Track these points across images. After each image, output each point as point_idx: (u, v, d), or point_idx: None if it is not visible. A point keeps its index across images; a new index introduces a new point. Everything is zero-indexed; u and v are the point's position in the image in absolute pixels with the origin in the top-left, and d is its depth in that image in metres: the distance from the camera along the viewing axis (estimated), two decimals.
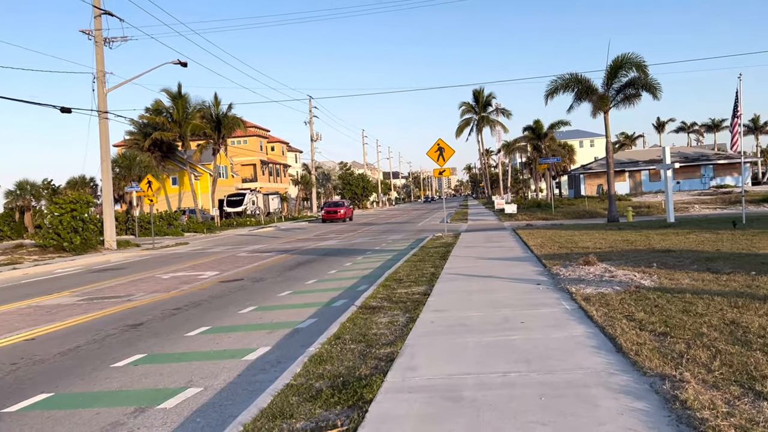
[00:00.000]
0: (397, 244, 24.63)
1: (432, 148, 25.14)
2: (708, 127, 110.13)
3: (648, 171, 70.10)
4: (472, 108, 76.71)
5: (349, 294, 12.30)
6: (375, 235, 32.31)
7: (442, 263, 15.06)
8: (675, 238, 16.86)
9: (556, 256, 14.39)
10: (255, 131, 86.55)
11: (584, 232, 21.76)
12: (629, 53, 25.83)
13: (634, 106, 26.50)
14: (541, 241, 18.64)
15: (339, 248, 24.64)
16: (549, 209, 41.91)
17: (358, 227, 42.48)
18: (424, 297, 10.15)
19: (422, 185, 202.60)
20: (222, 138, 55.37)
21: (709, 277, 9.68)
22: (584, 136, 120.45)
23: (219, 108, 54.90)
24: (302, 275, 16.28)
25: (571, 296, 8.98)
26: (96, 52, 32.03)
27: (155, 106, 52.80)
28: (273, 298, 12.59)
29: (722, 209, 36.09)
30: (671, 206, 24.00)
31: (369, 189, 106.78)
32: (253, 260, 21.68)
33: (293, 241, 30.90)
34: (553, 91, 27.17)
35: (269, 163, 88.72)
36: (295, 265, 19.19)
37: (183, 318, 10.98)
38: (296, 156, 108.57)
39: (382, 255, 20.36)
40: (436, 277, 12.44)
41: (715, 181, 67.39)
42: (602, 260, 12.52)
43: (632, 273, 10.61)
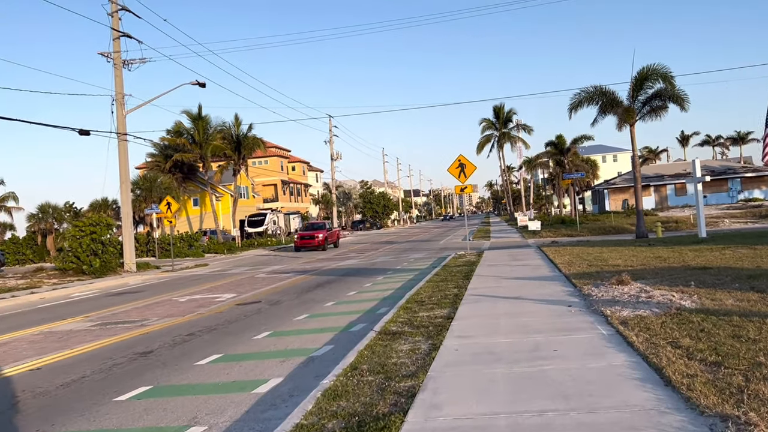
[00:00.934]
0: (419, 263, 24.03)
1: (453, 164, 24.58)
2: (733, 140, 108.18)
3: (674, 185, 68.85)
4: (493, 124, 76.06)
5: (368, 317, 11.73)
6: (396, 253, 31.73)
7: (465, 283, 14.45)
8: (710, 254, 16.06)
9: (585, 274, 13.70)
10: (275, 151, 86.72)
11: (613, 248, 20.98)
12: (655, 64, 25.17)
13: (660, 118, 25.75)
14: (568, 258, 17.94)
15: (359, 268, 24.10)
16: (574, 225, 41.02)
17: (378, 245, 41.93)
18: (447, 321, 9.55)
19: (443, 203, 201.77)
20: (242, 158, 55.32)
21: (754, 297, 8.97)
22: (607, 150, 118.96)
23: (239, 129, 54.93)
24: (320, 297, 15.75)
25: (607, 320, 8.32)
26: (115, 74, 32.06)
27: (176, 128, 52.93)
28: (289, 323, 12.06)
29: (753, 223, 34.95)
30: (702, 221, 23.12)
31: (390, 207, 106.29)
32: (272, 282, 21.23)
33: (313, 261, 30.43)
34: (576, 104, 26.49)
35: (290, 182, 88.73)
36: (314, 286, 18.68)
37: (195, 345, 10.49)
38: (317, 175, 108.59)
39: (403, 275, 19.78)
40: (460, 299, 11.83)
41: (743, 195, 65.92)
42: (636, 279, 11.83)
43: (670, 293, 9.92)
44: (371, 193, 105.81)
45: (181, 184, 55.45)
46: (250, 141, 54.55)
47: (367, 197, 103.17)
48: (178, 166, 53.07)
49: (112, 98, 31.93)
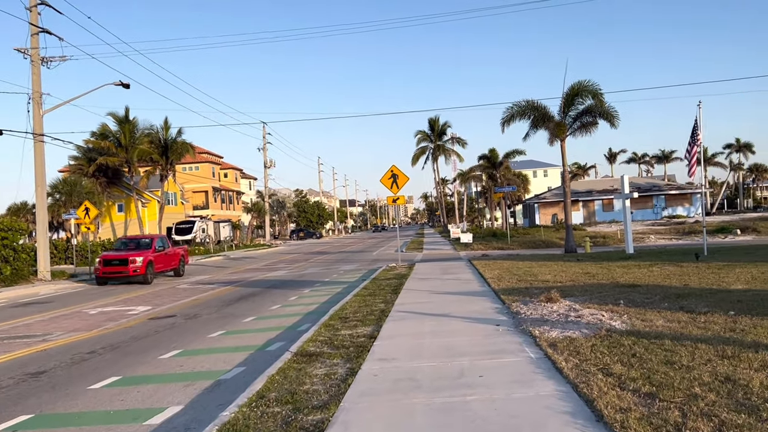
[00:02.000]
0: (349, 275, 23.38)
1: (385, 174, 24.10)
2: (658, 158, 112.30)
3: (601, 201, 70.60)
4: (428, 136, 76.36)
5: (288, 335, 11.00)
6: (327, 265, 31.00)
7: (393, 298, 13.90)
8: (638, 271, 16.05)
9: (515, 290, 13.37)
10: (207, 157, 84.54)
11: (542, 263, 20.90)
12: (586, 80, 25.44)
13: (590, 134, 26.07)
14: (498, 273, 17.66)
15: (287, 280, 23.27)
16: (505, 238, 41.26)
17: (310, 256, 41.09)
18: (370, 341, 8.95)
19: (379, 213, 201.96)
20: (170, 164, 53.44)
21: (684, 318, 8.73)
22: (538, 166, 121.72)
23: (168, 133, 53.09)
24: (241, 311, 14.90)
25: (536, 341, 7.90)
26: (32, 71, 30.25)
27: (101, 130, 50.63)
28: (202, 340, 11.20)
29: (677, 240, 35.91)
30: (630, 237, 23.38)
31: (324, 217, 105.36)
32: (193, 293, 20.19)
33: (240, 272, 29.38)
34: (509, 118, 26.52)
35: (222, 190, 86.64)
36: (237, 299, 17.78)
37: (94, 365, 9.53)
38: (250, 183, 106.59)
39: (331, 288, 19.09)
40: (386, 315, 11.26)
41: (667, 212, 68.19)
42: (565, 296, 11.55)
43: (599, 312, 9.61)
44: (306, 202, 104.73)
45: (105, 189, 53.07)
46: (179, 146, 52.79)
47: (301, 206, 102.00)
48: (103, 170, 50.79)
49: (28, 97, 30.09)
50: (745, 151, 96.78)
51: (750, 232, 36.10)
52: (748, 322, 8.14)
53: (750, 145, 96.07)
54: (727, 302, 9.86)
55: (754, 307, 9.27)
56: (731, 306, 9.45)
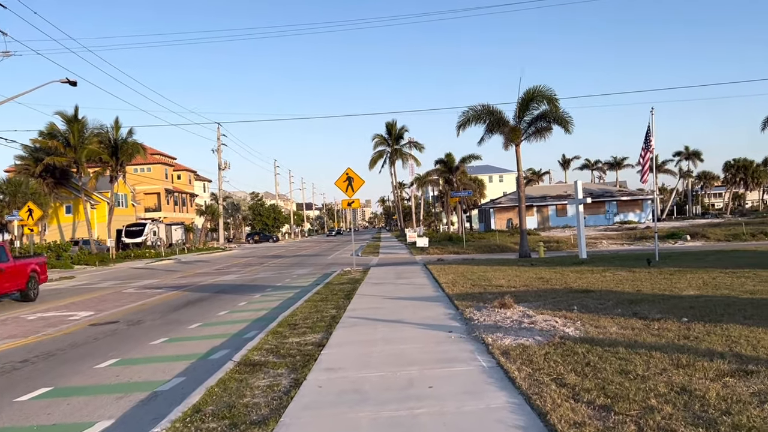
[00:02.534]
0: (302, 280, 22.93)
1: (340, 177, 23.73)
2: (610, 164, 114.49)
3: (555, 206, 71.51)
4: (385, 140, 76.20)
5: (233, 342, 10.55)
6: (281, 269, 30.44)
7: (345, 303, 13.56)
8: (591, 276, 16.04)
9: (469, 295, 13.17)
10: (160, 159, 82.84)
11: (497, 268, 20.81)
12: (540, 86, 25.55)
13: (545, 139, 26.17)
14: (453, 277, 17.47)
15: (238, 284, 22.69)
16: (460, 243, 41.28)
17: (265, 260, 40.41)
18: (318, 349, 8.59)
19: (336, 217, 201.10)
20: (120, 165, 52.10)
21: (638, 325, 8.61)
22: (494, 171, 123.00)
23: (118, 133, 51.76)
24: (187, 317, 14.35)
25: (488, 348, 7.66)
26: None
27: (49, 130, 49.12)
28: (143, 348, 10.67)
29: (629, 245, 36.43)
30: (583, 242, 23.50)
31: (281, 220, 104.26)
32: (139, 298, 19.49)
33: (190, 276, 28.61)
34: (465, 122, 26.45)
35: (174, 192, 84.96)
36: (184, 304, 17.19)
37: (25, 374, 8.95)
38: (204, 185, 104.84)
39: (282, 293, 18.63)
40: (337, 322, 10.91)
41: (619, 217, 69.43)
42: (519, 302, 11.38)
43: (553, 318, 9.45)
44: (261, 205, 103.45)
45: (53, 190, 51.44)
46: (130, 146, 51.52)
47: (257, 209, 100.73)
48: (50, 170, 49.25)
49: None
50: (694, 159, 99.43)
51: (699, 238, 36.86)
52: (701, 329, 8.05)
53: (698, 153, 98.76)
54: (680, 308, 9.81)
55: (706, 313, 9.22)
56: (684, 312, 9.40)
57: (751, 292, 11.37)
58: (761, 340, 7.07)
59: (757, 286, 12.17)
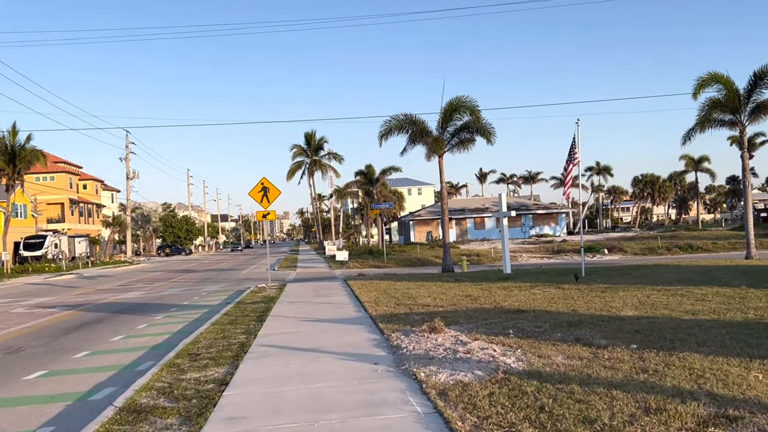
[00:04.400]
0: (211, 298, 21.25)
1: (255, 187, 22.23)
2: (525, 178, 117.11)
3: (474, 219, 71.92)
4: (304, 151, 74.66)
5: (122, 378, 9.01)
6: (190, 285, 28.49)
7: (257, 327, 12.18)
8: (520, 293, 15.25)
9: (394, 317, 12.05)
10: (64, 167, 77.99)
11: (420, 284, 19.83)
12: (463, 96, 24.94)
13: (468, 150, 25.58)
14: (375, 295, 16.34)
15: (141, 302, 20.77)
16: (381, 256, 40.32)
17: (174, 274, 38.14)
18: (220, 388, 7.24)
19: (253, 229, 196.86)
20: (18, 173, 48.32)
21: (585, 354, 7.71)
22: (413, 184, 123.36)
23: (16, 139, 48.02)
24: (76, 344, 12.57)
25: (422, 387, 6.54)
26: None
27: None
28: (14, 384, 8.96)
29: (549, 258, 36.50)
30: (507, 256, 22.92)
31: (194, 232, 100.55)
32: (28, 318, 17.41)
33: (90, 293, 26.30)
34: (387, 131, 25.52)
35: (80, 202, 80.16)
36: (77, 326, 15.29)
37: None
38: (113, 195, 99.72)
39: (188, 313, 16.96)
40: (245, 351, 9.55)
41: (535, 230, 70.48)
42: (449, 324, 10.35)
43: (490, 346, 8.45)
44: (173, 216, 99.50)
45: None
46: (29, 153, 47.91)
47: (168, 221, 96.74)
48: None
49: None
50: (605, 174, 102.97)
51: (617, 252, 37.35)
52: (656, 358, 7.21)
53: (609, 168, 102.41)
54: (624, 332, 9.02)
55: (655, 338, 8.45)
56: (629, 337, 8.60)
57: (692, 312, 10.78)
58: (728, 374, 6.27)
59: (695, 305, 11.63)
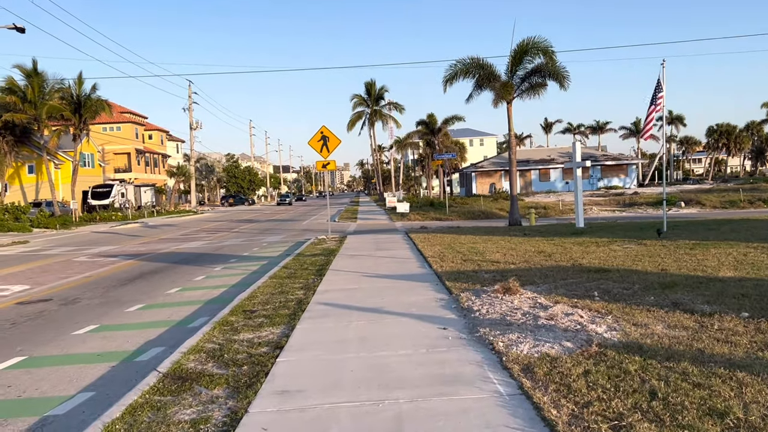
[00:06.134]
0: (272, 249, 20.82)
1: (314, 136, 21.45)
2: (593, 128, 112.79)
3: (538, 170, 69.79)
4: (365, 101, 73.48)
5: (173, 335, 8.48)
6: (251, 235, 28.27)
7: (316, 282, 11.52)
8: (598, 250, 14.04)
9: (461, 274, 11.16)
10: (130, 117, 79.28)
11: (487, 238, 18.81)
12: (536, 37, 23.24)
13: (539, 96, 23.99)
14: (439, 249, 15.45)
15: (200, 253, 20.52)
16: (443, 209, 39.30)
17: (236, 224, 38.19)
18: (274, 353, 6.55)
19: (314, 180, 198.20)
20: (84, 122, 49.04)
21: (689, 322, 6.66)
22: (474, 134, 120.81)
23: (81, 88, 48.61)
24: (131, 295, 12.23)
25: (501, 360, 5.67)
26: None
27: (7, 84, 45.93)
28: (60, 340, 8.55)
29: (621, 212, 34.75)
30: (581, 209, 21.53)
31: (256, 183, 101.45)
32: (89, 268, 17.32)
33: (153, 242, 26.38)
34: (452, 76, 24.14)
35: (146, 152, 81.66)
36: (135, 277, 15.04)
37: None
38: (178, 146, 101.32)
39: (247, 265, 16.51)
40: (303, 309, 8.87)
41: (603, 182, 67.94)
42: (524, 284, 9.40)
43: (575, 311, 7.48)
44: (236, 167, 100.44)
45: (13, 149, 48.34)
46: (94, 103, 48.47)
47: (231, 171, 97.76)
48: (9, 127, 46.13)
49: None
50: (677, 124, 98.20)
51: (694, 204, 35.24)
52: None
53: (682, 117, 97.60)
54: (729, 297, 7.87)
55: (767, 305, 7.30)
56: (737, 303, 7.47)
57: None
58: None
59: None
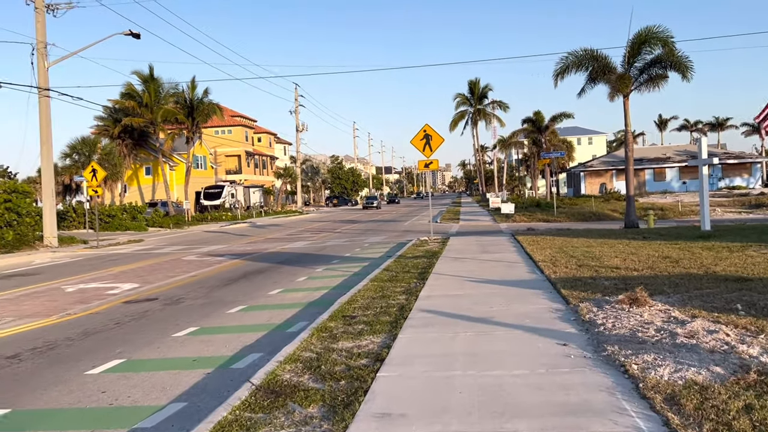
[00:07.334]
0: (373, 250, 20.45)
1: (417, 135, 20.89)
2: (712, 125, 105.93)
3: (653, 169, 66.17)
4: (467, 100, 72.38)
5: (270, 341, 8.12)
6: (353, 236, 28.13)
7: (418, 286, 10.91)
8: (732, 256, 12.60)
9: (577, 281, 10.20)
10: (240, 121, 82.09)
11: (602, 240, 17.53)
12: (655, 26, 21.56)
13: (659, 88, 22.22)
14: (550, 253, 14.44)
15: (304, 253, 20.46)
16: (550, 209, 37.71)
17: (339, 225, 38.38)
18: (374, 366, 5.99)
19: (416, 181, 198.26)
20: (196, 125, 50.97)
21: None
22: (582, 133, 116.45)
23: (194, 93, 50.55)
24: (233, 296, 12.11)
25: (637, 387, 4.83)
26: (36, 19, 27.80)
27: (126, 90, 48.53)
28: (160, 343, 8.40)
29: (748, 213, 32.00)
30: (707, 210, 19.66)
31: (359, 184, 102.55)
32: (196, 267, 17.61)
33: (259, 241, 26.78)
34: (563, 69, 22.84)
35: (255, 154, 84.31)
36: (239, 277, 15.05)
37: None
38: (285, 148, 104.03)
39: (348, 266, 16.17)
40: (405, 316, 8.29)
41: (724, 182, 63.51)
42: (652, 294, 8.37)
43: (718, 327, 6.45)
44: (340, 168, 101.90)
45: (132, 151, 51.01)
46: (206, 106, 50.25)
47: (335, 172, 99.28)
48: (128, 131, 48.72)
49: (32, 47, 27.67)
50: None
51: None
52: None
53: None
54: None
55: None
56: None
57: None
58: None
59: None
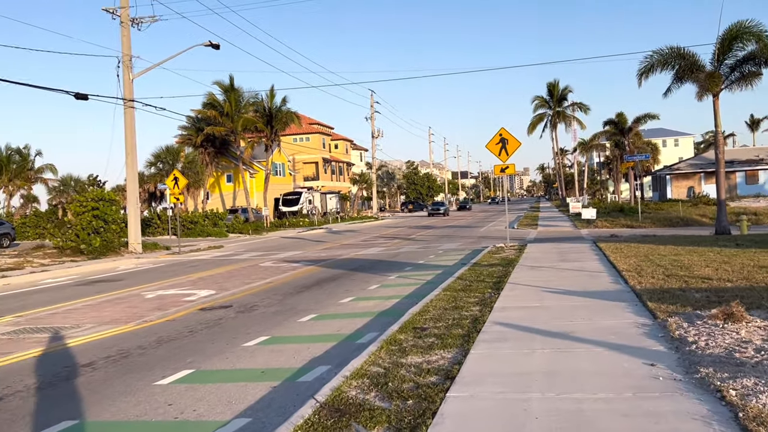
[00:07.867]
0: (447, 257, 20.07)
1: (492, 139, 20.39)
2: None
3: (745, 172, 62.73)
4: (546, 102, 70.77)
5: (339, 353, 7.92)
6: (428, 242, 27.81)
7: (493, 296, 10.49)
8: None
9: (665, 293, 9.53)
10: (317, 128, 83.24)
11: (691, 248, 16.52)
12: (747, 20, 20.31)
13: (751, 87, 20.88)
14: (635, 262, 13.68)
15: (377, 260, 20.31)
16: (634, 215, 36.18)
17: (414, 230, 38.14)
18: (444, 384, 5.67)
19: (492, 185, 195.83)
20: (275, 133, 51.92)
21: None
22: (667, 134, 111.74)
23: (273, 101, 51.55)
24: (306, 304, 12.05)
25: (736, 416, 4.31)
26: (121, 33, 28.93)
27: (208, 100, 50.08)
28: (230, 353, 8.35)
29: None
30: None
31: (435, 189, 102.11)
32: (271, 274, 17.77)
33: (335, 247, 26.88)
34: (648, 68, 21.78)
35: (332, 161, 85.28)
36: (312, 284, 15.04)
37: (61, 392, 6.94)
38: (361, 154, 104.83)
39: (421, 274, 15.86)
40: (478, 329, 7.91)
41: None
42: (749, 308, 7.68)
43: None
44: (416, 173, 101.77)
45: (213, 159, 52.53)
46: (284, 115, 51.14)
47: (411, 178, 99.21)
48: (210, 140, 50.24)
49: (118, 60, 28.82)
50: None
51: None
52: None
53: None
54: None
55: None
56: None
57: None
58: None
59: None
